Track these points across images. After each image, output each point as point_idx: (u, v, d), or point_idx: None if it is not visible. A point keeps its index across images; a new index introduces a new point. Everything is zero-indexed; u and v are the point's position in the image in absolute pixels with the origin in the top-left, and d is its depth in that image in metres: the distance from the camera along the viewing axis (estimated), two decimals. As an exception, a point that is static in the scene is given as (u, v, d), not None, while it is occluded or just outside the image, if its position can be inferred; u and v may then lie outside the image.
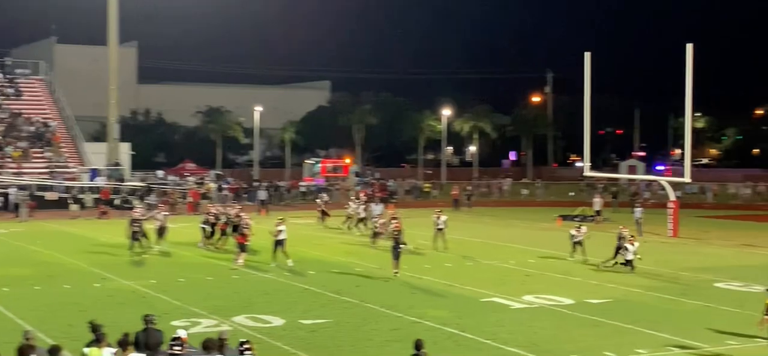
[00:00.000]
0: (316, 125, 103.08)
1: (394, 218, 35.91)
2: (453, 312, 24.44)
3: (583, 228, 35.04)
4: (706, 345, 20.65)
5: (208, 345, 13.87)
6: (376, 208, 43.84)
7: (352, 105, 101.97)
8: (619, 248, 31.87)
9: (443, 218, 38.70)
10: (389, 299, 26.27)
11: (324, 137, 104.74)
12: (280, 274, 31.15)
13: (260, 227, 38.40)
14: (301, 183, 77.32)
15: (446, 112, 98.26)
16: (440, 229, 38.26)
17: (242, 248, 32.80)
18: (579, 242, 34.37)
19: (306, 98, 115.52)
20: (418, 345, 14.44)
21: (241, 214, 37.13)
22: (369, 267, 33.16)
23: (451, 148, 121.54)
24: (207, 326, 21.88)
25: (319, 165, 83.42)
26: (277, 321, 23.12)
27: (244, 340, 13.98)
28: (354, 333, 21.96)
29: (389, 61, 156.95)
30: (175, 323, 21.10)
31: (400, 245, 30.99)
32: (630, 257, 31.07)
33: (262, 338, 20.72)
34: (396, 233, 31.84)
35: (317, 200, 53.07)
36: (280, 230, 32.89)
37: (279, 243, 32.82)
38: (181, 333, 14.47)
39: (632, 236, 32.74)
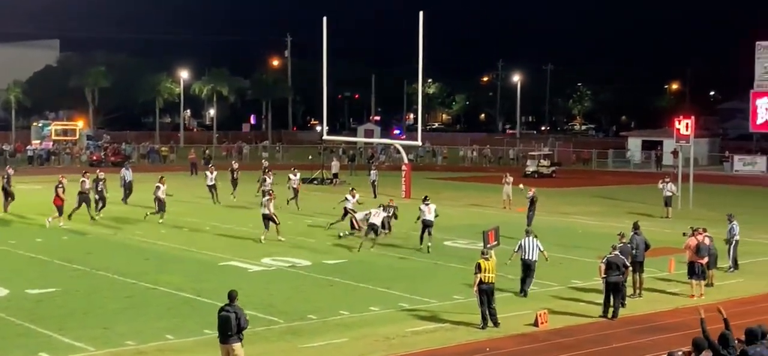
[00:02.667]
0: (45, 86, 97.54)
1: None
2: (189, 277, 24.12)
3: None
4: (434, 300, 21.65)
5: None
6: (127, 173, 42.08)
7: (84, 65, 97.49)
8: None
9: (214, 174, 41.77)
10: (122, 266, 25.50)
11: (54, 98, 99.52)
12: (4, 242, 29.39)
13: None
14: (28, 147, 73.29)
15: (184, 74, 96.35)
16: (212, 185, 41.69)
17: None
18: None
19: (32, 56, 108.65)
20: (231, 297, 14.66)
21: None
22: (101, 234, 32.01)
23: (189, 111, 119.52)
24: None
25: (49, 128, 79.27)
26: (1, 292, 21.87)
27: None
28: (85, 302, 21.14)
29: (124, 21, 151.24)
30: None
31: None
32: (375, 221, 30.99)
33: (-17, 310, 19.51)
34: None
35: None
36: None
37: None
38: None
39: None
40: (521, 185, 35.49)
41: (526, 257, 22.14)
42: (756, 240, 31.57)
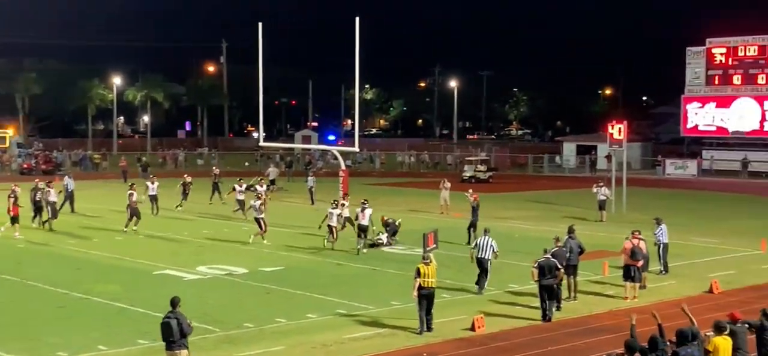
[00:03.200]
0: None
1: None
2: (123, 286, 23.74)
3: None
4: (372, 306, 21.60)
5: None
6: (70, 182, 41.18)
7: (14, 71, 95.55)
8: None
9: (155, 184, 40.61)
10: (53, 275, 25.03)
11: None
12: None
13: None
14: (-43, 156, 71.60)
15: (117, 80, 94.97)
16: (154, 195, 39.78)
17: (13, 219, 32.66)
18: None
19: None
20: (173, 303, 14.81)
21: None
22: (33, 243, 31.37)
23: (123, 118, 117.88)
24: None
25: (-22, 136, 77.50)
26: (-74, 305, 21.28)
27: None
28: (16, 313, 20.73)
29: (56, 27, 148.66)
30: None
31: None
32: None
33: None
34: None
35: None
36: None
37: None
38: None
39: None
40: (470, 191, 35.70)
41: (480, 256, 22.97)
42: (686, 243, 32.14)
